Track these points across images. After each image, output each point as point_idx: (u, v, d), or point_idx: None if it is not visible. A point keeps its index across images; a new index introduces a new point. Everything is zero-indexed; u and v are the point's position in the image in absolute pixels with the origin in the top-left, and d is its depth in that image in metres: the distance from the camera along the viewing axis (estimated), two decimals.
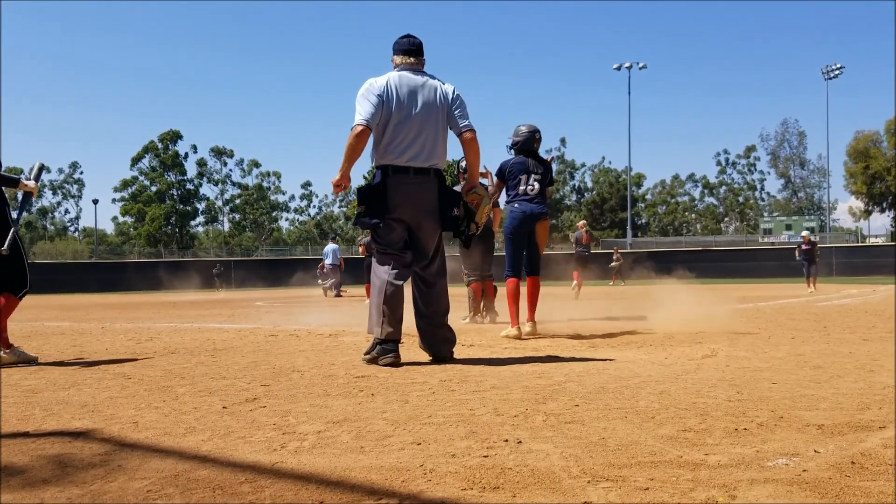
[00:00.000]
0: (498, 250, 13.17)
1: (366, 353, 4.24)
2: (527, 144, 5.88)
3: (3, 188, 4.51)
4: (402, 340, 4.23)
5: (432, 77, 4.26)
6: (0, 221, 4.45)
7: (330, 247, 19.82)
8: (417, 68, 4.25)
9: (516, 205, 5.81)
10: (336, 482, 1.78)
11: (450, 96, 4.22)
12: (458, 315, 7.49)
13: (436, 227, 4.29)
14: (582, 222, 17.64)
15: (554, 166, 6.00)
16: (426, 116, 4.15)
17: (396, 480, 1.79)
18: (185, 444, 2.21)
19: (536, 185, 5.80)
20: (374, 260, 4.32)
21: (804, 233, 20.25)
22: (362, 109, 4.09)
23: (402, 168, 4.14)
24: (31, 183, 4.63)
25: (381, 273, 4.22)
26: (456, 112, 4.22)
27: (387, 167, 4.15)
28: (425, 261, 4.29)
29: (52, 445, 2.24)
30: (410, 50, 4.25)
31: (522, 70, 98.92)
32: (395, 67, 4.26)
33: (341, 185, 4.13)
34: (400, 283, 4.18)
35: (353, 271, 22.48)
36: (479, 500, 1.65)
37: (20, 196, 4.72)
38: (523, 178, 5.79)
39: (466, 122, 4.23)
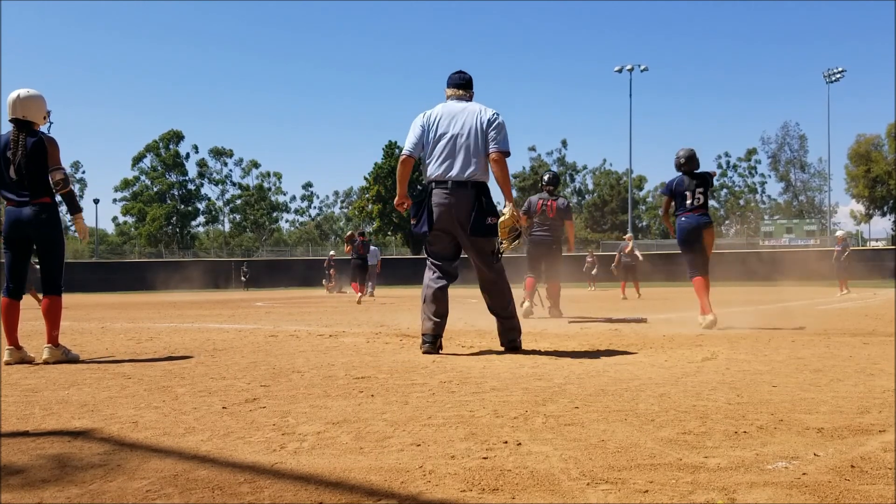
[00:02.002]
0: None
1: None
2: (688, 164, 7.04)
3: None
4: (440, 334, 4.73)
5: (476, 104, 4.77)
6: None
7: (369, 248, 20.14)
8: (464, 98, 4.82)
9: (683, 217, 6.98)
10: (335, 483, 1.78)
11: (487, 120, 4.67)
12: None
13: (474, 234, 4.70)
14: (629, 235, 19.66)
15: (715, 181, 7.38)
16: (462, 135, 4.63)
17: (396, 481, 1.79)
18: (184, 445, 2.21)
19: (701, 198, 6.94)
20: (426, 267, 4.83)
21: (839, 233, 19.75)
22: (407, 141, 4.76)
23: (441, 181, 4.64)
24: (84, 226, 4.73)
25: (426, 280, 4.78)
26: (490, 135, 4.66)
27: (430, 182, 4.69)
28: (481, 266, 4.76)
29: (51, 445, 2.24)
30: (459, 84, 4.86)
31: (523, 72, 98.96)
32: (446, 98, 4.85)
33: (403, 204, 4.79)
34: (440, 284, 4.71)
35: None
36: (479, 501, 1.64)
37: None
38: (688, 193, 6.94)
39: (496, 145, 4.66)
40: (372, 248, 19.92)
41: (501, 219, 4.70)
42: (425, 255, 4.86)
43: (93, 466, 1.97)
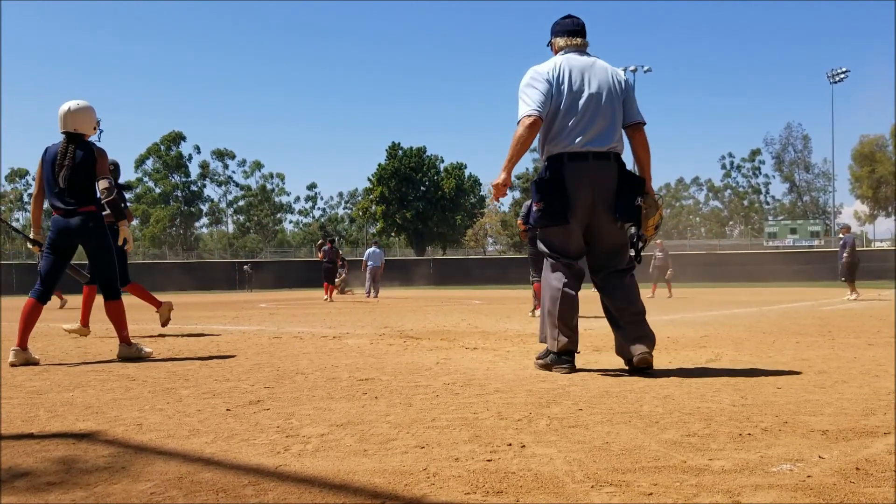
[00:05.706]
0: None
1: (538, 359, 3.96)
2: None
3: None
4: (577, 350, 3.91)
5: (601, 60, 3.88)
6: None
7: (374, 250, 21.08)
8: (583, 49, 3.90)
9: None
10: (339, 485, 1.79)
11: (623, 81, 3.84)
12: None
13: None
14: (659, 241, 20.18)
15: None
16: (601, 97, 3.74)
17: (399, 484, 1.79)
18: (188, 447, 2.21)
19: None
20: (545, 267, 4.00)
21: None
22: (530, 99, 3.73)
23: (580, 154, 3.72)
24: (126, 233, 5.00)
25: (554, 281, 3.86)
26: (627, 100, 3.85)
27: (562, 155, 3.75)
28: (611, 254, 3.88)
29: (56, 447, 2.24)
30: (575, 31, 3.90)
31: None
32: (557, 51, 3.92)
33: (506, 185, 3.84)
34: (574, 292, 3.82)
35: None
36: (483, 503, 1.64)
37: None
38: None
39: (638, 116, 3.86)
40: (376, 250, 21.00)
41: (650, 216, 3.83)
42: (546, 251, 3.95)
43: (98, 469, 1.97)
